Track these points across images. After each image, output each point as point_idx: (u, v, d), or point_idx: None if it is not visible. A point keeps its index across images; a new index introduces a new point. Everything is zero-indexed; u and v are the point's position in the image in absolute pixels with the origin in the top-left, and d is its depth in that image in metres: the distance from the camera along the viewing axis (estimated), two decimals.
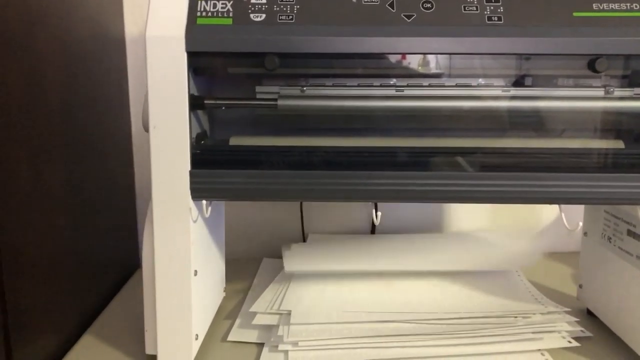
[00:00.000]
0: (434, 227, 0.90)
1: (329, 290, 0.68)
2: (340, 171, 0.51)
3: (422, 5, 0.50)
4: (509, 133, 0.56)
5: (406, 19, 0.49)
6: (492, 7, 0.50)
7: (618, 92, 0.53)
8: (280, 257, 0.83)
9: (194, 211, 0.53)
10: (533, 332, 0.58)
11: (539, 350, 0.57)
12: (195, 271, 0.54)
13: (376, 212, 0.88)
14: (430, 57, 0.55)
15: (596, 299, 0.65)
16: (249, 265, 0.82)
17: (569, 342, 0.58)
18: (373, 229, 0.89)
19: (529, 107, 0.55)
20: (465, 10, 0.50)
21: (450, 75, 0.56)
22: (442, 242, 0.82)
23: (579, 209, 0.67)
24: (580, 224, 0.56)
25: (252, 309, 0.64)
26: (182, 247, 0.52)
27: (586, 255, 0.67)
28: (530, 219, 0.90)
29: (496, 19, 0.49)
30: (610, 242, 0.62)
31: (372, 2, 0.50)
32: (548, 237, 0.91)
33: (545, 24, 0.49)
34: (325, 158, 0.54)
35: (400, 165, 0.54)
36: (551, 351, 0.58)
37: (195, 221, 0.53)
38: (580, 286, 0.69)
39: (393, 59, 0.54)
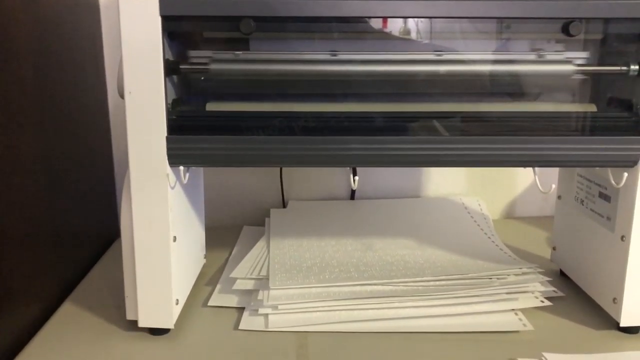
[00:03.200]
0: (412, 192, 0.91)
1: (308, 255, 0.69)
2: (317, 136, 0.52)
3: None
4: (483, 97, 0.57)
5: None
6: None
7: (584, 56, 0.54)
8: (260, 224, 0.84)
9: (172, 177, 0.53)
10: (507, 293, 0.60)
11: (513, 310, 0.59)
12: (175, 237, 0.54)
13: (354, 177, 0.88)
14: (404, 21, 0.55)
15: (569, 260, 0.67)
16: (230, 233, 0.83)
17: (542, 301, 0.60)
18: (352, 195, 0.90)
19: (502, 71, 0.55)
20: None
21: (422, 39, 0.56)
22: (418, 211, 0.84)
23: (554, 173, 0.68)
24: (554, 186, 0.57)
25: (233, 275, 0.64)
26: (161, 213, 0.52)
27: (560, 218, 0.69)
28: (506, 184, 0.92)
29: None
30: (582, 204, 0.63)
31: None
32: (523, 201, 0.93)
33: None
34: (303, 123, 0.53)
35: (376, 130, 0.54)
36: (524, 311, 0.59)
37: (173, 187, 0.53)
38: (554, 248, 0.71)
39: (369, 23, 0.54)
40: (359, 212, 0.85)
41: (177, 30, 0.53)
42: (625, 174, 0.53)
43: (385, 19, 0.54)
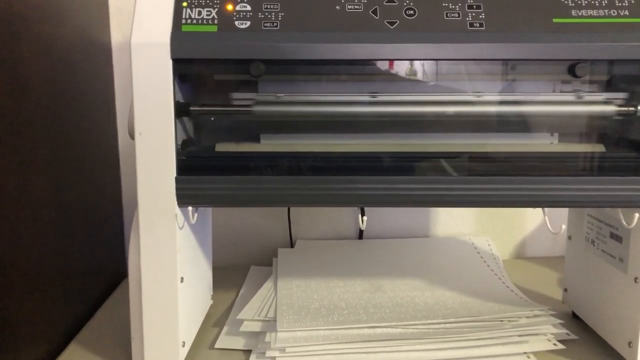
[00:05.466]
0: (421, 231, 0.91)
1: (316, 296, 0.68)
2: (324, 176, 0.52)
3: (405, 12, 0.50)
4: (492, 137, 0.57)
5: (389, 25, 0.50)
6: (473, 14, 0.50)
7: (596, 97, 0.54)
8: (268, 264, 0.83)
9: (180, 218, 0.53)
10: (519, 335, 0.58)
11: (525, 353, 0.58)
12: (182, 278, 0.54)
13: (362, 217, 0.88)
14: (413, 63, 0.55)
15: (581, 301, 0.66)
16: (237, 273, 0.82)
17: (555, 344, 0.58)
18: (360, 235, 0.90)
19: (511, 111, 0.56)
20: (447, 17, 0.50)
21: (433, 80, 0.56)
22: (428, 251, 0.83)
23: (564, 213, 0.68)
24: (564, 227, 0.56)
25: (240, 316, 0.63)
26: (169, 254, 0.52)
27: (570, 258, 0.68)
28: (516, 223, 0.91)
29: (478, 25, 0.50)
30: (593, 245, 0.63)
31: (356, 9, 0.50)
32: (533, 241, 0.92)
33: (526, 30, 0.50)
34: (311, 163, 0.54)
35: (384, 170, 0.54)
36: (537, 354, 0.58)
37: (181, 228, 0.53)
38: (566, 289, 0.69)
39: (377, 65, 0.55)
40: (367, 252, 0.85)
41: (188, 73, 0.54)
42: (637, 215, 0.52)
43: (392, 61, 0.55)
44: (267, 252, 0.88)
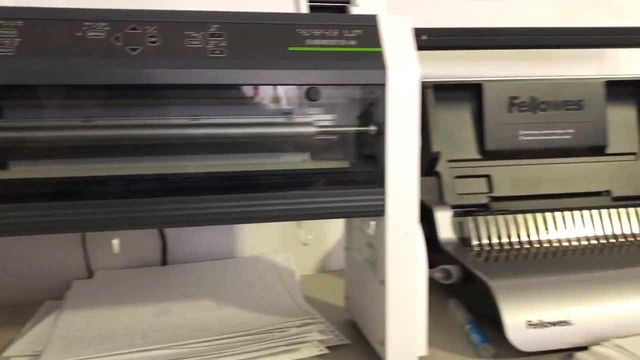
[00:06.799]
0: (227, 253, 0.92)
1: (97, 325, 0.67)
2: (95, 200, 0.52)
3: (148, 40, 0.52)
4: (250, 158, 0.60)
5: (131, 52, 0.51)
6: (214, 42, 0.53)
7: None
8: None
9: None
10: (287, 344, 0.62)
11: None
12: None
13: (163, 242, 0.88)
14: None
15: (355, 308, 0.71)
16: (28, 310, 0.78)
17: (321, 350, 0.62)
18: (164, 260, 0.89)
19: (267, 133, 0.59)
20: (189, 44, 0.53)
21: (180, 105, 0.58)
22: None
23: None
24: (310, 237, 0.62)
25: (5, 354, 0.60)
26: None
27: (348, 267, 0.73)
28: (317, 239, 0.96)
29: (219, 52, 0.53)
30: (359, 254, 0.68)
31: (98, 36, 0.51)
32: (334, 255, 0.97)
33: (264, 57, 0.54)
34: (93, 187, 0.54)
35: (142, 193, 0.55)
36: None
37: None
38: (347, 298, 0.74)
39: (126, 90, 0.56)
40: (168, 277, 0.85)
41: None
42: (372, 223, 0.58)
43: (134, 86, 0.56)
44: (65, 284, 0.84)
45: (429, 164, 0.85)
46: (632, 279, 0.68)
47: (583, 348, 0.62)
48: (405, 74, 0.56)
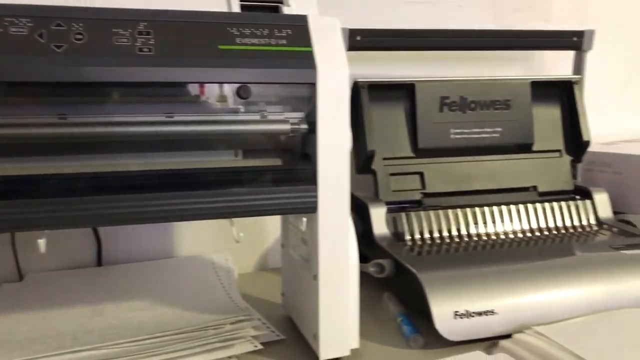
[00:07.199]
0: (166, 253, 0.92)
1: (25, 328, 0.65)
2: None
3: (74, 37, 0.51)
4: (184, 156, 0.60)
5: (56, 49, 0.51)
6: (143, 40, 0.53)
7: (276, 117, 0.60)
8: None
9: None
10: (221, 341, 0.62)
11: (230, 357, 0.61)
12: None
13: (98, 241, 0.87)
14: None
15: (291, 304, 0.72)
16: None
17: (255, 346, 0.63)
18: (99, 261, 0.88)
19: (201, 131, 0.59)
20: (117, 42, 0.52)
21: (123, 103, 0.58)
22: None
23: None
24: (242, 235, 0.63)
25: None
26: None
27: (285, 264, 0.74)
28: (257, 237, 0.96)
29: (147, 50, 0.53)
30: (295, 250, 0.69)
31: (20, 32, 0.50)
32: (274, 253, 0.98)
33: (193, 55, 0.54)
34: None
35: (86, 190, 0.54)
36: (241, 357, 0.62)
37: None
38: (283, 294, 0.75)
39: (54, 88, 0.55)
40: (104, 278, 0.83)
41: None
42: (304, 219, 0.59)
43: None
44: None
45: (364, 162, 0.87)
46: (553, 270, 0.72)
47: (507, 336, 0.65)
48: (334, 73, 0.58)
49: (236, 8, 0.61)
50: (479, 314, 0.65)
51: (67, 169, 0.56)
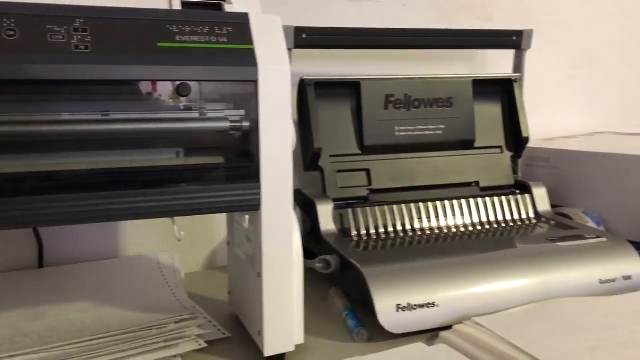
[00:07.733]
0: (110, 253, 0.90)
1: None
2: None
3: (5, 33, 0.50)
4: (125, 154, 0.59)
5: None
6: (79, 37, 0.52)
7: (217, 114, 0.60)
8: None
9: None
10: (165, 340, 0.61)
11: (174, 356, 0.61)
12: None
13: (39, 242, 0.85)
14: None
15: (236, 302, 0.72)
16: None
17: (200, 345, 0.63)
18: (41, 263, 0.86)
19: (130, 129, 0.57)
20: (51, 39, 0.51)
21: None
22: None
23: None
24: (183, 233, 0.62)
25: None
26: None
27: (231, 262, 0.74)
28: (205, 236, 0.96)
29: (83, 47, 0.52)
30: (240, 248, 0.69)
31: None
32: (222, 251, 0.97)
33: (132, 53, 0.53)
34: None
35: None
36: (186, 355, 0.62)
37: None
38: (230, 292, 0.75)
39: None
40: (46, 280, 0.81)
41: None
42: (247, 217, 0.59)
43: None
44: None
45: (311, 159, 0.87)
46: (492, 263, 0.74)
47: (448, 327, 0.67)
48: (276, 70, 0.58)
49: (177, 6, 0.60)
50: (421, 306, 0.67)
51: (2, 169, 0.54)
